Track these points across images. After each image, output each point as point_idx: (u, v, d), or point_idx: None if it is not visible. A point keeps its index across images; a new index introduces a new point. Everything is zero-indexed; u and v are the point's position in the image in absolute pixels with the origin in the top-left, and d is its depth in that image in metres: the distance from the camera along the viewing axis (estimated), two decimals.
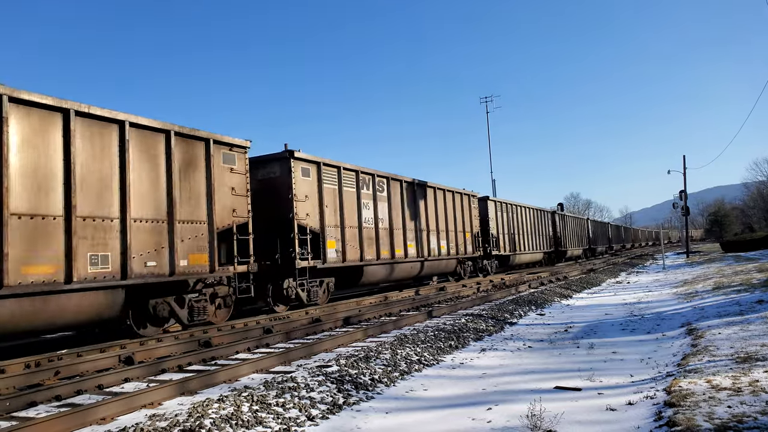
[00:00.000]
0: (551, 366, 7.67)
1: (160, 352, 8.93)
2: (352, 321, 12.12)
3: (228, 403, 5.53)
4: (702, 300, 13.51)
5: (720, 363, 6.42)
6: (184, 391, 6.36)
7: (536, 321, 12.35)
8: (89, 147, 9.47)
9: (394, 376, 7.14)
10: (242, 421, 5.14)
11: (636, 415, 5.15)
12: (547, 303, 15.44)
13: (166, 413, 5.41)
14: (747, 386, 5.25)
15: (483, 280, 23.61)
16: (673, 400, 5.10)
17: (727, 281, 17.09)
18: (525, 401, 5.62)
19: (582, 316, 12.75)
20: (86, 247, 9.18)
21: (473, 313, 12.49)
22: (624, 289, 19.59)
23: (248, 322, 12.25)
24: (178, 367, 7.95)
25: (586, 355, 8.26)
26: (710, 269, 24.40)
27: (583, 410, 5.44)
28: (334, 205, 15.85)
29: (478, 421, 5.29)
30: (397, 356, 7.96)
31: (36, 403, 6.17)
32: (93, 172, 9.47)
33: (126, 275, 9.68)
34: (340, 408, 5.80)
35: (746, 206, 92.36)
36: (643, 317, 11.89)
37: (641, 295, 16.79)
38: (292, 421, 5.31)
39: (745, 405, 4.70)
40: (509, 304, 14.17)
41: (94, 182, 9.49)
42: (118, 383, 7.13)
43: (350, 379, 6.67)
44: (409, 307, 14.38)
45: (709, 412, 4.59)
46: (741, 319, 9.54)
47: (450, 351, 8.90)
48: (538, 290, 17.90)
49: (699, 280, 19.41)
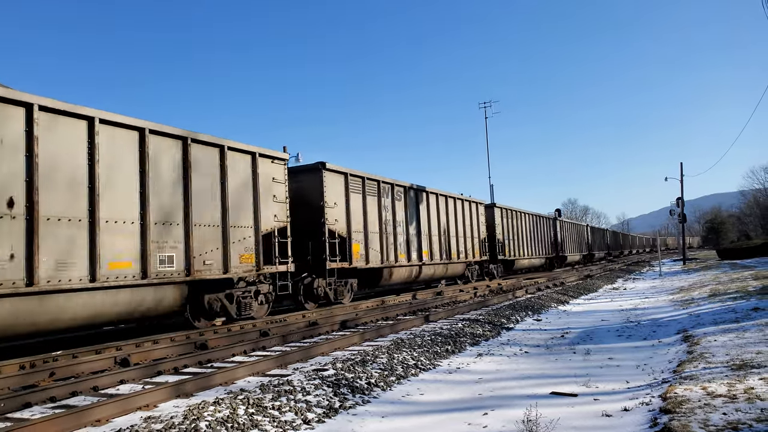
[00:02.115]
0: (547, 371, 7.67)
1: (156, 354, 8.90)
2: (349, 325, 12.11)
3: (224, 406, 5.52)
4: (698, 307, 13.54)
5: (716, 370, 6.44)
6: (180, 393, 6.35)
7: (533, 326, 12.36)
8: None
9: (391, 380, 7.13)
10: (238, 424, 5.13)
11: (632, 421, 5.16)
12: (543, 308, 15.45)
13: (162, 415, 5.39)
14: (742, 393, 5.27)
15: (480, 285, 23.70)
16: (669, 406, 5.11)
17: (723, 288, 17.13)
18: (521, 406, 5.63)
19: (578, 322, 12.76)
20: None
21: (470, 317, 12.49)
22: (620, 296, 19.62)
23: (244, 324, 12.23)
24: (174, 370, 7.93)
25: (582, 361, 8.27)
26: (706, 276, 24.46)
27: (579, 416, 5.44)
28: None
29: (474, 426, 5.29)
30: (393, 360, 7.96)
31: (31, 404, 6.15)
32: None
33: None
34: (336, 412, 5.79)
35: (743, 214, 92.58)
36: (639, 324, 11.91)
37: (638, 302, 16.82)
38: (288, 424, 5.30)
39: (741, 412, 4.72)
40: (506, 309, 14.18)
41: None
42: (114, 385, 7.11)
43: (347, 383, 6.67)
44: (406, 311, 14.37)
45: (705, 419, 4.60)
46: (737, 326, 9.57)
47: (447, 356, 8.90)
48: (535, 296, 17.91)
49: (695, 287, 19.46)
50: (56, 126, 8.93)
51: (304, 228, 15.32)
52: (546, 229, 38.30)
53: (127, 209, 9.96)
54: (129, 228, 9.93)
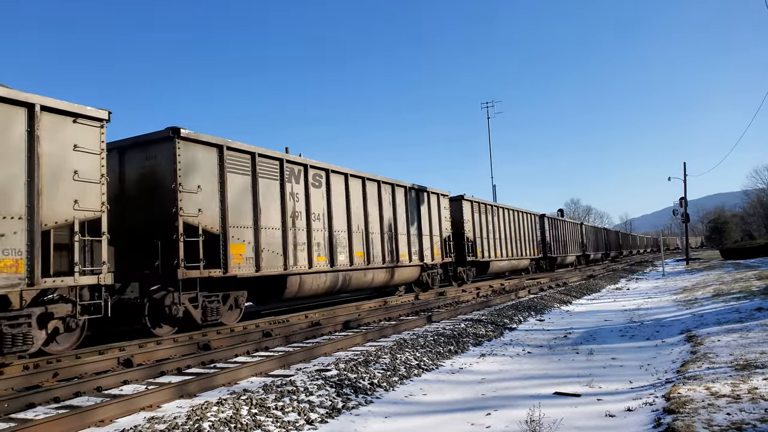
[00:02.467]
0: (550, 372, 7.67)
1: (159, 355, 8.92)
2: (352, 325, 12.12)
3: (227, 407, 5.53)
4: (701, 307, 13.51)
5: (719, 370, 6.43)
6: (183, 393, 6.36)
7: (536, 327, 12.35)
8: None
9: (394, 380, 7.13)
10: (241, 425, 5.13)
11: (635, 421, 5.15)
12: (546, 309, 15.43)
13: (165, 416, 5.41)
14: (746, 393, 5.26)
15: (483, 285, 23.54)
16: (672, 406, 5.10)
17: (727, 288, 17.09)
18: (524, 407, 5.62)
19: (581, 322, 12.74)
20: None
21: (473, 318, 12.49)
22: (624, 296, 19.59)
23: (247, 325, 12.24)
24: (177, 370, 7.94)
25: (585, 361, 8.26)
26: (710, 276, 24.40)
27: (582, 416, 5.44)
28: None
29: (477, 426, 5.29)
30: (396, 361, 7.96)
31: (34, 404, 6.17)
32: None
33: None
34: (339, 412, 5.79)
35: (746, 214, 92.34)
36: (642, 324, 11.89)
37: (641, 302, 16.79)
38: (291, 425, 5.31)
39: (744, 412, 4.71)
40: (509, 309, 14.17)
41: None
42: (117, 385, 7.12)
43: (349, 383, 6.67)
44: (408, 312, 14.38)
45: (708, 419, 4.59)
46: (740, 326, 9.54)
47: (449, 356, 8.90)
48: (538, 296, 17.89)
49: (698, 287, 19.41)
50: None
51: (153, 221, 11.24)
52: (532, 228, 34.53)
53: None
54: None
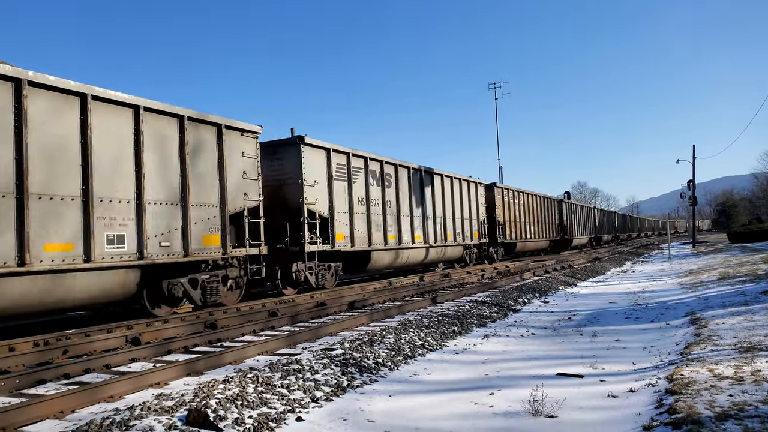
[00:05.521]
0: (554, 353, 7.71)
1: (166, 333, 9.03)
2: (357, 305, 12.19)
3: (233, 384, 5.60)
4: (706, 290, 13.49)
5: (723, 352, 6.44)
6: (191, 371, 6.45)
7: (540, 308, 12.39)
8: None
9: (398, 360, 7.20)
10: (247, 402, 5.21)
11: (637, 401, 5.19)
12: (551, 291, 15.46)
13: (173, 393, 5.49)
14: (749, 375, 5.28)
15: (487, 267, 23.65)
16: (675, 387, 5.13)
17: (733, 272, 17.05)
18: (527, 387, 5.67)
19: (586, 305, 12.77)
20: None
21: (477, 299, 12.53)
22: (629, 278, 19.59)
23: (254, 305, 12.34)
24: (185, 348, 8.04)
25: (589, 343, 8.30)
26: (716, 260, 24.33)
27: (585, 396, 5.48)
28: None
29: (480, 405, 5.34)
30: (401, 341, 8.02)
31: (45, 380, 6.28)
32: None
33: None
34: (344, 390, 5.86)
35: (755, 197, 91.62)
36: (647, 306, 11.90)
37: (646, 285, 16.79)
38: (297, 402, 5.38)
39: (747, 394, 4.73)
40: (513, 291, 14.20)
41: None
42: (126, 363, 7.23)
43: (354, 363, 6.74)
44: (413, 293, 14.44)
45: (711, 401, 4.61)
46: (745, 309, 9.54)
47: (453, 336, 8.96)
48: (543, 278, 17.91)
49: (704, 271, 19.37)
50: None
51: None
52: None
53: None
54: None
